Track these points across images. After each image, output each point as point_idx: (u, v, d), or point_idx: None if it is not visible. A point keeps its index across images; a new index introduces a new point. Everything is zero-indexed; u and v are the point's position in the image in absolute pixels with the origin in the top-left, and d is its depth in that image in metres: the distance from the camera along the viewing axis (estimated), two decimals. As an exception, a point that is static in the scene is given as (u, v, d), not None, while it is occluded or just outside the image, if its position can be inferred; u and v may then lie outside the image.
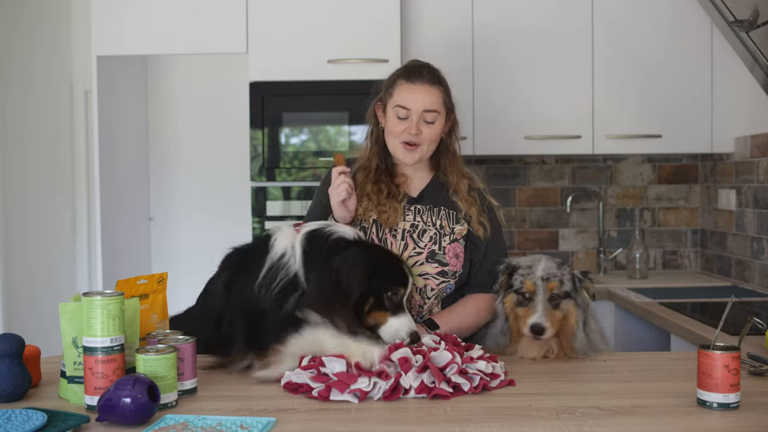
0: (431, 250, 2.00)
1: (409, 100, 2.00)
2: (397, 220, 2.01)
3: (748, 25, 2.78)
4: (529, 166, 3.82)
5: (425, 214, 2.04)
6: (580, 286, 1.83)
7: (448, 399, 1.48)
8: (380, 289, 1.68)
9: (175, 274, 4.12)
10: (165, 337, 1.58)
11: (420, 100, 1.99)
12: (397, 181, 2.09)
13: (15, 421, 1.28)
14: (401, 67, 2.09)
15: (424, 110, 1.99)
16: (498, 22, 3.42)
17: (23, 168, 4.17)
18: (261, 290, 1.69)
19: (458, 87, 3.44)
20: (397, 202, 2.04)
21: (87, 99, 4.37)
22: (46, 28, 4.29)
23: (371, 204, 2.02)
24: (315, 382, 1.50)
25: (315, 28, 3.28)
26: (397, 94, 2.02)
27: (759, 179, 3.21)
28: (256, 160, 3.26)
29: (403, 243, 2.00)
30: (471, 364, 1.56)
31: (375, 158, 2.08)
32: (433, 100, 2.01)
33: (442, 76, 2.07)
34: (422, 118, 2.00)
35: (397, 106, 2.01)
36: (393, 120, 2.02)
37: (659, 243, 3.84)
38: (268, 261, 1.72)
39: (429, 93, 2.01)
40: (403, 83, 2.02)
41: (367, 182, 2.05)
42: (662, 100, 3.43)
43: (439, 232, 2.02)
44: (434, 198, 2.07)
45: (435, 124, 2.02)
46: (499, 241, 2.11)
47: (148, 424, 1.34)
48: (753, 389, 1.54)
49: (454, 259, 2.01)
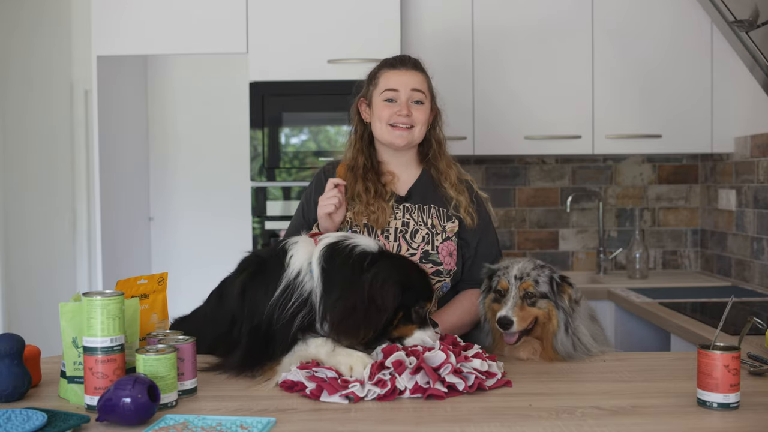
0: (425, 251, 1.99)
1: (396, 82, 2.03)
2: (386, 220, 2.00)
3: (748, 25, 2.78)
4: (529, 166, 3.82)
5: (415, 212, 2.04)
6: (558, 290, 1.82)
7: (443, 399, 1.48)
8: (410, 303, 1.65)
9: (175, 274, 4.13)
10: (165, 337, 1.58)
11: (407, 81, 2.03)
12: (383, 179, 2.07)
13: (15, 421, 1.28)
14: (381, 61, 2.12)
15: (413, 89, 2.02)
16: (498, 22, 3.42)
17: (23, 168, 4.17)
18: (276, 310, 1.65)
19: (458, 87, 3.47)
20: (384, 201, 2.02)
21: (87, 99, 4.38)
22: (46, 27, 4.29)
23: (361, 206, 2.00)
24: (309, 381, 1.50)
25: (315, 28, 3.28)
26: (383, 81, 2.05)
27: (759, 179, 3.21)
28: (256, 160, 3.26)
29: (396, 244, 2.00)
30: (466, 363, 1.56)
31: (360, 156, 2.08)
32: (418, 82, 2.04)
33: (423, 65, 2.11)
34: (411, 98, 2.02)
35: (385, 90, 2.03)
36: (380, 106, 2.04)
37: (659, 243, 3.84)
38: (284, 280, 1.67)
39: (415, 75, 2.05)
40: (387, 70, 2.06)
41: (355, 182, 2.04)
42: (662, 100, 3.44)
43: (431, 231, 2.02)
44: (423, 195, 2.06)
45: (424, 105, 2.04)
46: (489, 234, 2.10)
47: (148, 424, 1.34)
48: (753, 389, 1.54)
49: (448, 258, 2.01)
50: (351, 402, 1.46)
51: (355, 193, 2.03)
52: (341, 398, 1.46)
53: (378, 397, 1.47)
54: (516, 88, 3.43)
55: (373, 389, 1.48)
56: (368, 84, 2.10)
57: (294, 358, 1.60)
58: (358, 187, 2.03)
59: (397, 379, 1.49)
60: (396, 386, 1.49)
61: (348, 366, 1.53)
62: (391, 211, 2.02)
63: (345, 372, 1.52)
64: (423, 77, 2.07)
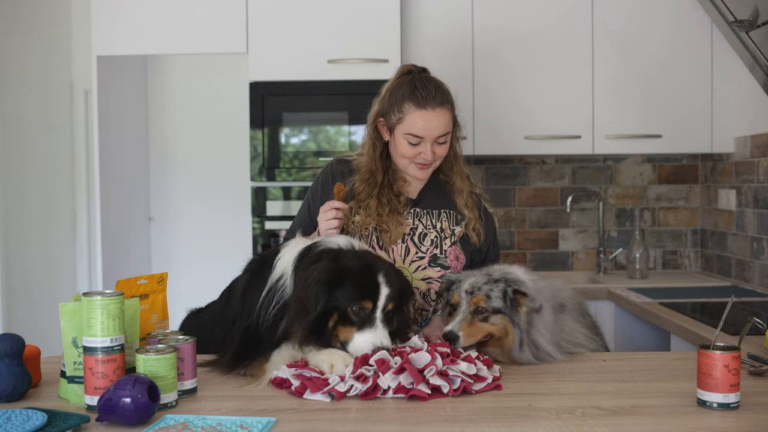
0: (433, 254, 1.99)
1: (422, 129, 1.92)
2: (399, 235, 1.98)
3: (748, 25, 2.78)
4: (529, 166, 3.82)
5: (424, 217, 2.03)
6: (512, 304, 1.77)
7: (425, 400, 1.46)
8: (343, 303, 1.61)
9: (175, 274, 4.14)
10: (165, 337, 1.58)
11: (434, 128, 1.93)
12: (397, 186, 2.05)
13: (15, 421, 1.28)
14: (407, 84, 1.97)
15: (439, 136, 1.95)
16: (498, 22, 3.42)
17: (23, 168, 4.17)
18: (261, 311, 1.66)
19: (458, 87, 3.44)
20: (399, 215, 2.00)
21: (87, 99, 4.37)
22: (45, 27, 4.29)
23: (371, 217, 1.98)
24: (295, 379, 1.52)
25: (315, 28, 3.28)
26: (409, 121, 1.94)
27: (759, 179, 3.21)
28: (256, 160, 3.26)
29: (404, 247, 1.99)
30: (453, 366, 1.54)
31: (380, 174, 2.02)
32: (445, 124, 1.95)
33: (448, 91, 2.00)
34: (436, 141, 1.96)
35: (410, 134, 1.93)
36: (403, 144, 1.96)
37: (659, 243, 3.84)
38: (269, 282, 1.69)
39: (441, 118, 1.94)
40: (413, 110, 1.93)
41: (370, 197, 2.00)
42: (662, 100, 3.43)
43: (440, 235, 2.02)
44: (433, 199, 2.06)
45: (447, 141, 2.00)
46: (494, 244, 2.13)
47: (148, 424, 1.34)
48: (753, 389, 1.54)
49: (455, 262, 2.01)
50: (334, 400, 1.47)
51: (366, 205, 1.99)
52: (324, 395, 1.47)
53: (360, 394, 1.47)
54: (516, 87, 3.43)
55: (355, 385, 1.47)
56: (391, 110, 1.97)
57: (283, 356, 1.62)
58: (372, 206, 1.99)
59: (380, 378, 1.49)
60: (378, 384, 1.48)
61: (329, 364, 1.55)
62: (404, 223, 2.00)
63: (326, 370, 1.54)
64: (449, 114, 1.96)
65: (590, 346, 1.90)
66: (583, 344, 1.88)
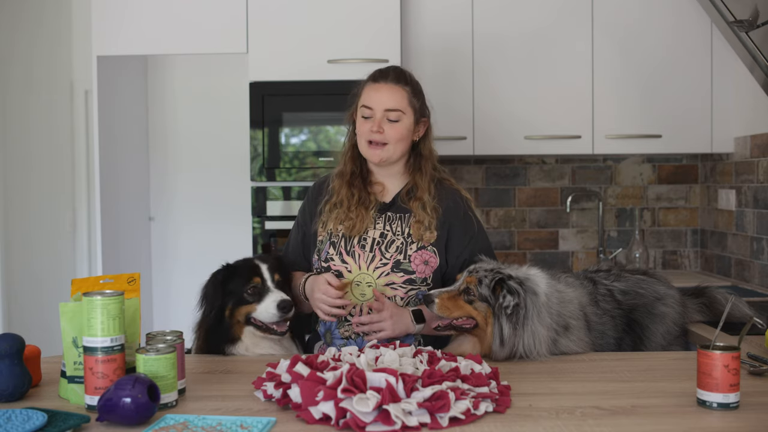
0: (396, 260, 2.01)
1: (371, 99, 2.04)
2: (363, 228, 2.02)
3: (748, 25, 2.78)
4: (529, 166, 3.82)
5: (395, 222, 2.05)
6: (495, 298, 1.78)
7: None
8: (239, 289, 1.93)
9: (175, 274, 4.13)
10: (153, 338, 1.57)
11: (382, 99, 2.02)
12: (372, 189, 2.10)
13: (15, 421, 1.28)
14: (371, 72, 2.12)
15: (386, 109, 2.01)
16: (498, 22, 3.42)
17: (23, 168, 4.17)
18: None
19: (458, 86, 3.47)
20: (365, 209, 2.05)
21: (87, 99, 4.37)
22: (46, 28, 4.29)
23: (341, 211, 2.04)
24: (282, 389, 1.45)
25: (315, 28, 3.29)
26: (363, 95, 2.07)
27: (759, 179, 3.21)
28: (256, 160, 3.26)
29: (371, 254, 2.02)
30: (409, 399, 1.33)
31: (350, 163, 2.11)
32: (395, 99, 2.02)
33: (409, 77, 2.08)
34: (385, 116, 2.02)
35: (363, 106, 2.06)
36: (360, 121, 2.07)
37: (659, 243, 3.84)
38: None
39: (392, 91, 2.03)
40: (368, 84, 2.07)
41: (341, 187, 2.08)
42: (662, 100, 3.44)
43: (406, 240, 2.02)
44: (406, 204, 2.06)
45: (399, 123, 2.02)
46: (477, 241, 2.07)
47: (148, 424, 1.34)
48: (753, 389, 1.54)
49: (422, 266, 2.01)
50: None
51: (339, 199, 2.06)
52: None
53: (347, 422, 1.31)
54: (516, 87, 3.43)
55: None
56: (356, 94, 2.12)
57: None
58: (342, 193, 2.06)
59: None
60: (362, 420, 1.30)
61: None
62: (372, 220, 2.04)
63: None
64: (403, 93, 2.03)
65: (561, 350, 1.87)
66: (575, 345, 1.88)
